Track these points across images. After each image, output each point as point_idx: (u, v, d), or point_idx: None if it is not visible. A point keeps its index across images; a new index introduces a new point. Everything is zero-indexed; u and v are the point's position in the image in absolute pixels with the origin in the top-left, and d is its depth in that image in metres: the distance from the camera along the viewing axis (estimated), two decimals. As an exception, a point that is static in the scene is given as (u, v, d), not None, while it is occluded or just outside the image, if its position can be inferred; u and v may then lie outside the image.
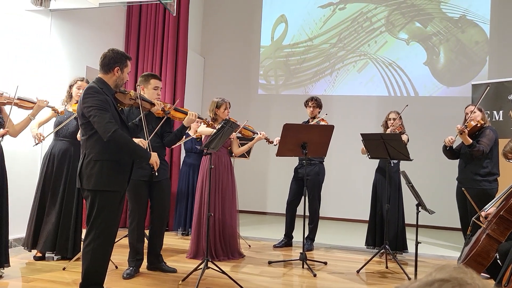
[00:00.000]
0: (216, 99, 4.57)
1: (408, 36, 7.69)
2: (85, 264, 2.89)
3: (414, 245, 3.78)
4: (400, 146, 4.33)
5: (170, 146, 4.07)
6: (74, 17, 5.39)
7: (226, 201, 4.52)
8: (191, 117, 3.83)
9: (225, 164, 4.57)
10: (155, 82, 3.86)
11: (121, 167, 2.97)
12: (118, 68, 3.02)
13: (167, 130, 3.96)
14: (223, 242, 4.49)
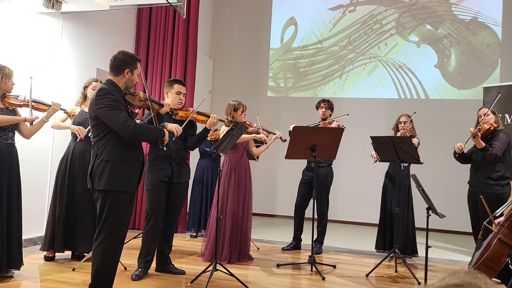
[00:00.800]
0: (232, 102, 4.57)
1: (419, 38, 7.64)
2: (95, 265, 2.91)
3: (425, 249, 3.74)
4: (411, 149, 4.30)
5: (192, 149, 4.12)
6: (85, 20, 5.44)
7: (244, 203, 4.53)
8: (213, 120, 3.88)
9: (244, 166, 4.58)
10: (178, 87, 3.94)
11: (132, 167, 2.99)
12: (128, 70, 3.04)
13: (190, 134, 3.98)
14: (237, 244, 4.49)
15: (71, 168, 4.16)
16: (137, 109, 3.80)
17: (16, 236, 3.53)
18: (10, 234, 3.48)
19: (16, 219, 3.53)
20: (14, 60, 4.43)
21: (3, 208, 3.42)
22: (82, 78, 5.22)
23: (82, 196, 4.12)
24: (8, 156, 3.49)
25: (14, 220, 3.51)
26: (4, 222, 3.43)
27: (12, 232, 3.49)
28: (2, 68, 3.52)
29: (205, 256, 4.52)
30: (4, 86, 3.52)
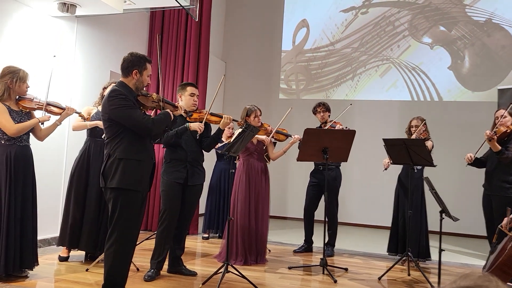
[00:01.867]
0: (247, 106, 4.59)
1: (432, 40, 7.58)
2: (107, 266, 2.93)
3: (438, 253, 3.70)
4: (424, 151, 4.26)
5: (208, 150, 4.14)
6: (98, 23, 5.50)
7: (259, 206, 4.53)
8: (226, 120, 3.90)
9: (258, 169, 4.59)
10: (191, 89, 3.98)
11: (144, 168, 3.01)
12: (136, 71, 3.06)
13: (205, 135, 4.01)
14: (253, 246, 4.50)
15: (87, 167, 4.21)
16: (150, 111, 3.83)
17: (30, 237, 3.58)
18: (24, 235, 3.52)
19: (30, 221, 3.58)
20: (30, 63, 4.50)
21: (17, 209, 3.47)
22: (96, 81, 5.29)
23: (96, 196, 4.17)
24: (22, 158, 3.54)
25: (28, 221, 3.56)
26: (18, 223, 3.48)
27: (26, 233, 3.54)
28: (16, 71, 3.55)
29: (219, 257, 4.55)
30: (19, 89, 3.56)
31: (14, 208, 3.44)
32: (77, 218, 4.16)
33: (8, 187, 3.42)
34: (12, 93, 3.54)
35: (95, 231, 4.16)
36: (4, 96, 3.50)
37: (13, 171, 3.45)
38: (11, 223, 3.42)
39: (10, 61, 4.00)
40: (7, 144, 3.48)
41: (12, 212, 3.43)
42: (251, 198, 4.50)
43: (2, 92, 3.50)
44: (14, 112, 3.52)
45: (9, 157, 3.45)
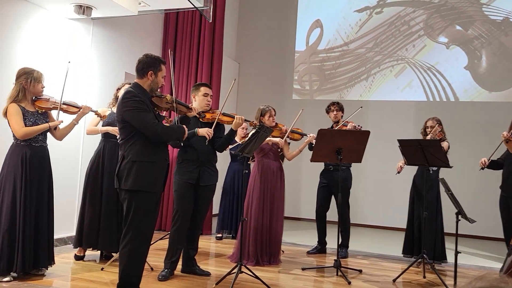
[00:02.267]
0: (261, 106, 4.60)
1: (448, 39, 7.50)
2: (122, 265, 2.96)
3: (454, 255, 3.65)
4: (439, 152, 4.21)
5: (220, 150, 4.15)
6: (113, 25, 5.56)
7: (274, 206, 4.53)
8: (238, 121, 3.90)
9: (274, 170, 4.58)
10: (204, 89, 4.00)
11: (158, 169, 3.04)
12: (151, 72, 3.09)
13: (218, 136, 4.02)
14: (267, 247, 4.50)
15: (102, 167, 4.25)
16: (164, 112, 3.85)
17: (46, 236, 3.63)
18: (40, 235, 3.57)
19: (45, 220, 3.63)
20: (46, 65, 4.57)
21: (33, 209, 3.52)
22: (111, 82, 5.34)
23: (111, 196, 4.21)
24: (38, 159, 3.59)
25: (43, 221, 3.60)
26: (33, 223, 3.53)
27: (41, 233, 3.59)
28: (30, 72, 3.60)
29: (232, 258, 4.56)
30: (34, 90, 3.61)
31: (29, 208, 3.49)
32: (93, 219, 4.21)
33: (23, 187, 3.47)
34: (28, 93, 3.59)
35: (111, 230, 4.20)
36: (19, 96, 3.55)
37: (29, 171, 3.50)
38: (27, 223, 3.47)
39: (27, 63, 4.07)
40: (22, 145, 3.53)
41: (28, 212, 3.48)
42: (266, 199, 4.50)
43: (17, 93, 3.55)
44: (29, 113, 3.57)
45: (25, 158, 3.50)
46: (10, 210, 3.44)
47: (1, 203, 3.48)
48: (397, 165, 4.86)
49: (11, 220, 3.44)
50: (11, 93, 3.57)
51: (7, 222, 3.43)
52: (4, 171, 3.53)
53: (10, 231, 3.43)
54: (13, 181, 3.48)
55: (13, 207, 3.45)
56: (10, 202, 3.45)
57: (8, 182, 3.48)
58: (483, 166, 4.50)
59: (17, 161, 3.49)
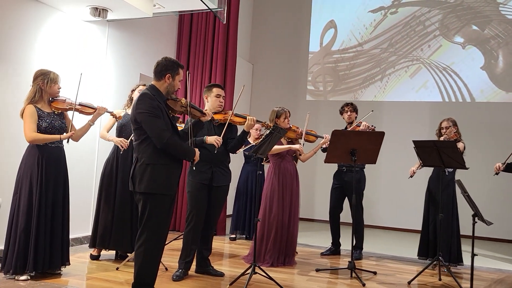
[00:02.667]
0: (276, 108, 4.59)
1: (464, 39, 7.41)
2: (137, 265, 2.99)
3: (470, 258, 3.60)
4: (455, 153, 4.16)
5: (233, 152, 4.16)
6: (129, 27, 5.62)
7: (291, 209, 4.53)
8: (250, 122, 3.91)
9: (290, 171, 4.58)
10: (217, 90, 4.00)
11: (172, 171, 3.05)
12: (169, 75, 3.11)
13: (231, 137, 4.03)
14: (283, 248, 4.49)
15: (116, 169, 4.30)
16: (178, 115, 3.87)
17: (61, 236, 3.67)
18: (55, 235, 3.62)
19: (61, 220, 3.67)
20: (63, 66, 4.64)
21: (48, 209, 3.57)
22: (126, 83, 5.40)
23: (124, 197, 4.25)
24: (54, 159, 3.63)
25: (58, 221, 3.65)
26: (48, 223, 3.57)
27: (57, 233, 3.63)
28: (47, 73, 3.65)
29: (247, 258, 4.56)
30: (50, 91, 3.66)
31: (45, 208, 3.54)
32: (108, 219, 4.25)
33: (39, 187, 3.52)
34: (44, 94, 3.64)
35: (126, 231, 4.24)
36: (36, 97, 3.60)
37: (45, 172, 3.55)
38: (42, 223, 3.52)
39: (44, 65, 4.13)
40: (39, 146, 3.58)
41: (43, 212, 3.53)
42: (285, 201, 4.50)
43: (34, 94, 3.60)
44: (45, 114, 3.62)
45: (41, 158, 3.55)
46: (26, 210, 3.50)
47: (18, 203, 3.54)
48: (410, 169, 4.83)
49: (27, 220, 3.49)
50: (28, 94, 3.62)
51: (24, 222, 3.49)
52: (21, 171, 3.59)
53: (27, 231, 3.49)
54: (29, 182, 3.53)
55: (29, 207, 3.51)
56: (26, 202, 3.50)
57: (25, 183, 3.54)
58: (497, 172, 4.44)
59: (34, 162, 3.54)
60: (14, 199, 3.57)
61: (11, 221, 3.54)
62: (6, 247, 3.53)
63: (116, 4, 4.48)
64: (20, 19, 4.30)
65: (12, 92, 4.17)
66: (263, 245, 4.41)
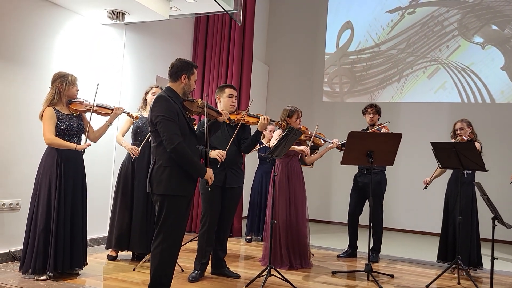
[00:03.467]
0: (288, 107, 4.56)
1: (484, 39, 7.28)
2: (154, 266, 3.00)
3: (490, 261, 3.53)
4: (475, 155, 4.09)
5: (247, 152, 4.15)
6: (145, 30, 5.67)
7: (298, 209, 4.51)
8: (264, 121, 3.89)
9: (297, 172, 4.56)
10: (229, 91, 4.01)
11: (189, 173, 3.06)
12: (185, 76, 3.13)
13: (244, 137, 4.03)
14: (297, 250, 4.47)
15: (132, 171, 4.34)
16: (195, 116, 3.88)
17: (80, 237, 3.72)
18: (74, 235, 3.67)
19: (79, 221, 3.72)
20: (81, 69, 4.70)
21: (67, 210, 3.62)
22: (143, 85, 5.44)
23: (140, 198, 4.29)
24: (73, 160, 3.68)
25: (77, 222, 3.70)
26: (67, 223, 3.62)
27: (75, 233, 3.68)
28: (65, 75, 3.71)
29: (263, 261, 4.55)
30: (68, 93, 3.72)
31: (63, 209, 3.59)
32: (125, 221, 4.29)
33: (58, 188, 3.57)
34: (63, 96, 3.70)
35: (144, 232, 4.28)
36: (54, 99, 3.66)
37: (63, 172, 3.60)
38: (61, 224, 3.57)
39: (63, 68, 4.20)
40: None
41: (62, 213, 3.58)
42: (291, 201, 4.47)
43: (53, 96, 3.66)
44: (64, 116, 3.67)
45: (60, 159, 3.61)
46: (45, 211, 3.55)
47: (37, 204, 3.59)
48: (425, 179, 4.76)
49: (47, 220, 3.54)
50: (47, 96, 3.68)
51: (43, 222, 3.54)
52: (40, 172, 3.64)
53: (46, 231, 3.54)
54: (48, 182, 3.58)
55: (48, 208, 3.56)
56: (45, 202, 3.56)
57: (44, 183, 3.59)
58: None
59: (53, 163, 3.60)
60: (33, 199, 3.62)
61: (30, 221, 3.60)
62: (25, 247, 3.59)
63: (133, 7, 4.53)
64: (40, 23, 4.37)
65: (32, 95, 4.25)
66: (278, 247, 4.38)
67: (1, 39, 4.04)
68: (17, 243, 4.05)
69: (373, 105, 5.14)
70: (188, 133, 3.08)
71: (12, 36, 4.12)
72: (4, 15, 4.05)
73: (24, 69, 4.24)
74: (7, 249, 4.06)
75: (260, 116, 3.95)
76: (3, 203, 4.06)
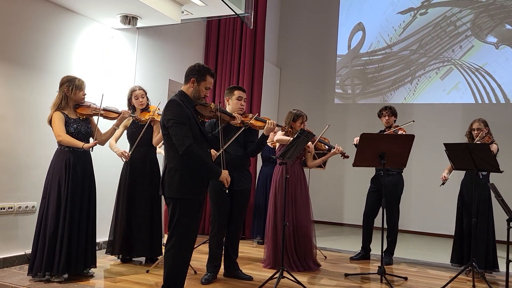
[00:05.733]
0: (293, 111, 4.56)
1: (498, 39, 7.20)
2: (167, 268, 3.03)
3: (505, 264, 3.49)
4: (489, 156, 4.04)
5: (253, 155, 4.16)
6: (158, 34, 5.72)
7: (300, 211, 4.49)
8: (270, 126, 3.89)
9: (298, 175, 4.54)
10: (238, 93, 4.02)
11: (200, 176, 3.08)
12: (194, 80, 3.13)
13: (251, 140, 4.04)
14: (299, 252, 4.46)
15: (131, 177, 4.35)
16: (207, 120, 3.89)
17: (90, 239, 3.76)
18: (83, 238, 3.71)
19: (89, 223, 3.77)
20: (96, 74, 4.77)
21: (76, 213, 3.66)
22: (156, 89, 5.50)
23: (141, 204, 4.31)
24: (81, 163, 3.73)
25: (87, 224, 3.74)
26: (77, 226, 3.66)
27: (85, 236, 3.72)
28: (72, 79, 3.75)
29: (265, 263, 4.54)
30: (75, 97, 3.76)
31: (73, 211, 3.63)
32: (127, 227, 4.31)
33: (67, 191, 3.62)
34: (70, 100, 3.75)
35: (148, 236, 4.30)
36: (62, 103, 3.71)
37: (72, 175, 3.64)
38: (70, 226, 3.61)
39: (80, 73, 4.27)
40: (66, 150, 3.68)
41: (72, 215, 3.62)
42: (293, 203, 4.45)
43: (60, 100, 3.71)
44: (71, 120, 3.73)
45: (69, 162, 3.65)
46: (55, 214, 3.59)
47: (47, 207, 3.63)
48: (441, 175, 4.71)
49: (56, 223, 3.58)
50: (55, 100, 3.73)
51: (53, 225, 3.57)
52: (50, 175, 3.69)
53: (55, 234, 3.57)
54: (57, 185, 3.62)
55: (57, 211, 3.60)
56: (55, 205, 3.60)
57: (53, 186, 3.63)
58: None
59: (62, 166, 3.64)
60: (43, 203, 3.66)
61: (39, 224, 3.64)
62: (34, 250, 3.62)
63: (146, 12, 4.58)
64: (59, 30, 4.45)
65: (47, 100, 4.31)
66: (278, 249, 4.36)
67: (20, 46, 4.12)
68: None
69: (388, 107, 5.11)
70: (200, 137, 3.08)
71: (30, 43, 4.20)
72: (22, 21, 4.13)
73: (43, 75, 4.31)
74: (23, 252, 4.12)
75: (267, 121, 3.95)
76: (19, 206, 4.13)
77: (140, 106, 4.40)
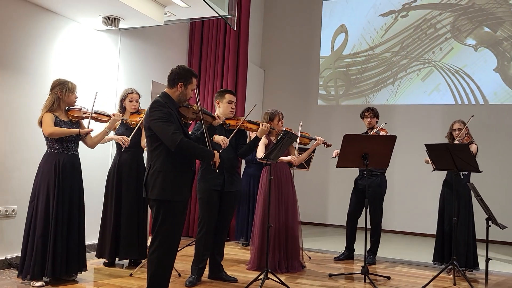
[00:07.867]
0: (268, 111, 4.58)
1: (476, 41, 7.35)
2: (150, 271, 3.01)
3: (485, 262, 3.56)
4: (468, 157, 4.12)
5: (243, 157, 4.18)
6: (140, 35, 5.69)
7: (288, 212, 4.51)
8: (265, 128, 3.91)
9: (286, 175, 4.57)
10: (229, 97, 4.03)
11: (183, 177, 3.08)
12: (181, 84, 3.14)
13: (241, 142, 4.05)
14: (285, 253, 4.47)
15: (118, 179, 4.31)
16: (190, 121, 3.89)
17: (77, 243, 3.72)
18: (71, 241, 3.67)
19: (77, 227, 3.73)
20: (77, 75, 4.71)
21: (65, 216, 3.63)
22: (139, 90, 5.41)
23: (128, 206, 4.27)
24: (70, 166, 3.70)
25: (75, 227, 3.71)
26: (65, 229, 3.63)
27: (73, 239, 3.68)
28: (65, 82, 3.74)
29: (249, 265, 4.54)
30: (68, 100, 3.75)
31: (61, 214, 3.60)
32: (114, 229, 4.27)
33: (56, 194, 3.58)
34: (62, 103, 3.72)
35: (134, 238, 4.27)
36: (54, 106, 3.69)
37: (61, 178, 3.62)
38: (59, 229, 3.58)
39: (60, 74, 4.21)
40: (56, 153, 3.65)
41: (60, 218, 3.59)
42: (282, 204, 4.47)
43: (52, 103, 3.68)
44: (62, 122, 3.69)
45: (58, 165, 3.62)
46: (44, 216, 3.56)
47: (36, 209, 3.60)
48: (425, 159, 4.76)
49: (45, 226, 3.55)
50: (46, 103, 3.70)
51: (41, 228, 3.54)
52: (38, 178, 3.65)
53: (44, 237, 3.54)
54: (46, 188, 3.59)
55: (46, 213, 3.57)
56: (43, 208, 3.57)
57: (42, 189, 3.60)
58: None
59: (50, 168, 3.61)
60: (31, 206, 3.63)
61: (28, 227, 3.60)
62: (23, 253, 3.59)
63: (128, 13, 4.54)
64: (38, 30, 4.39)
65: (28, 101, 4.26)
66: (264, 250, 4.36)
67: (-4, 46, 4.05)
68: (13, 250, 4.05)
69: (370, 108, 5.17)
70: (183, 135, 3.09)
71: (9, 43, 4.13)
72: (0, 22, 4.06)
73: (21, 76, 4.24)
74: (3, 256, 4.05)
75: (261, 124, 3.97)
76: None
77: (133, 109, 4.39)
